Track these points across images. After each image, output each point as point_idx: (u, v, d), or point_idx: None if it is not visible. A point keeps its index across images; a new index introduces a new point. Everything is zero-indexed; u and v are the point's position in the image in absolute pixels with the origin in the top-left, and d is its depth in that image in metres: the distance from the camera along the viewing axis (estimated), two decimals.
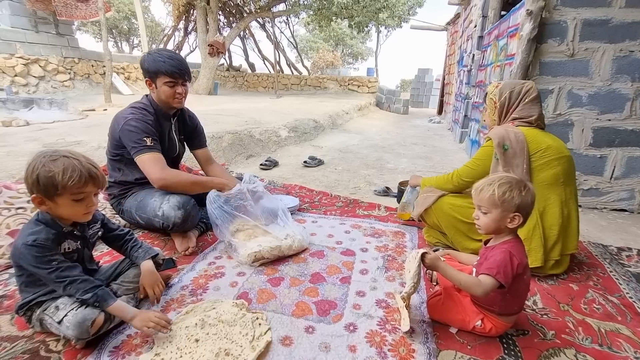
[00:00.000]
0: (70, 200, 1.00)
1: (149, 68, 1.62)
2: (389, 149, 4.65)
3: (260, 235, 1.65)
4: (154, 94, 1.70)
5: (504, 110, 1.58)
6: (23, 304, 1.05)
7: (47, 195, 0.98)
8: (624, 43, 2.20)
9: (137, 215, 1.69)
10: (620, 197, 2.44)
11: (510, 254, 1.02)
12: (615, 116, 2.32)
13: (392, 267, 1.56)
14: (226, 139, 3.67)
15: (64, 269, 1.00)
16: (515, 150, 1.45)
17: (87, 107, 5.52)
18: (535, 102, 1.53)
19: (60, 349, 1.02)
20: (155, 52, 1.64)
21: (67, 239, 1.07)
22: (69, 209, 1.01)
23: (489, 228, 1.07)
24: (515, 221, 1.03)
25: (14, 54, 6.85)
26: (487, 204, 1.04)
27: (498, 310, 1.08)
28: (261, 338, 1.07)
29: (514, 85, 1.56)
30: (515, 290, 1.06)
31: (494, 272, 0.99)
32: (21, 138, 3.07)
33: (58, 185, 0.96)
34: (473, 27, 5.10)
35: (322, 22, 10.77)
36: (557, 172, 1.45)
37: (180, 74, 1.65)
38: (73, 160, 0.99)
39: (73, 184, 0.97)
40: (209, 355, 1.00)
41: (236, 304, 1.22)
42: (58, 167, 0.96)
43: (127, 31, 20.60)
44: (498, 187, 1.02)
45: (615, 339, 1.14)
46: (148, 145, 1.58)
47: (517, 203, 1.01)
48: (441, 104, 9.61)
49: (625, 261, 1.70)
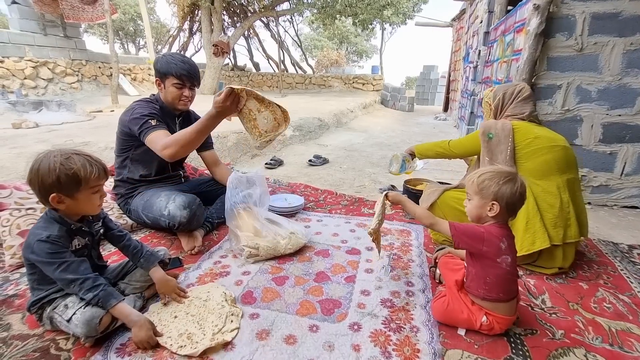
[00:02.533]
0: (89, 194, 1.05)
1: (160, 68, 1.67)
2: (395, 147, 4.62)
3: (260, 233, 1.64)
4: (162, 94, 1.74)
5: (498, 110, 1.68)
6: (35, 301, 1.07)
7: (68, 192, 1.01)
8: (635, 37, 2.15)
9: (144, 214, 1.70)
10: (631, 193, 2.39)
11: (479, 227, 1.09)
12: (626, 111, 2.27)
13: (397, 265, 1.56)
14: (231, 138, 3.69)
15: (73, 265, 1.02)
16: (499, 137, 1.54)
17: (95, 109, 5.59)
18: (527, 100, 1.61)
19: (70, 347, 1.04)
20: (169, 55, 1.69)
21: (77, 235, 1.10)
22: (87, 203, 1.07)
23: (472, 214, 1.12)
24: (494, 209, 1.06)
25: (23, 57, 6.97)
26: (470, 190, 1.11)
27: (482, 295, 1.09)
28: (226, 334, 1.09)
29: (507, 87, 1.66)
30: (493, 275, 1.07)
31: (452, 222, 1.10)
32: (31, 140, 3.13)
33: (82, 181, 1.01)
34: (479, 22, 5.03)
35: (326, 20, 10.73)
36: (547, 159, 1.49)
37: (189, 77, 1.69)
38: (83, 156, 1.04)
39: (94, 178, 1.03)
40: (174, 332, 1.08)
41: (224, 294, 1.26)
42: (77, 164, 1.00)
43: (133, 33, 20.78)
44: (479, 176, 1.09)
45: (627, 339, 1.12)
46: (153, 125, 1.60)
47: (494, 191, 1.05)
48: (447, 101, 9.51)
49: (636, 259, 1.67)
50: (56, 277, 1.01)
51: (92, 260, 1.17)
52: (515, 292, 1.12)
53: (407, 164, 2.03)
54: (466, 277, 1.15)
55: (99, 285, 1.03)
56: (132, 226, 1.87)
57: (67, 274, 1.00)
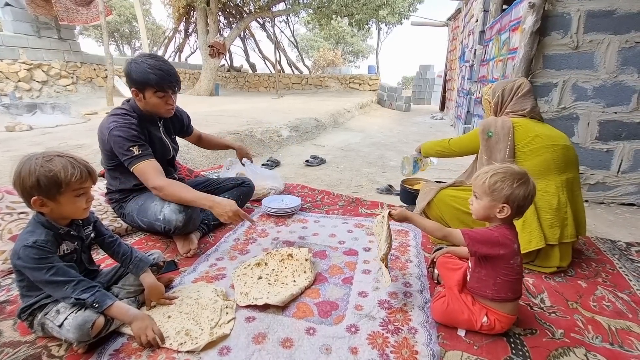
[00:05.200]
0: (72, 197, 1.02)
1: (136, 79, 1.52)
2: (392, 147, 4.61)
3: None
4: (140, 104, 1.62)
5: (498, 107, 1.66)
6: (25, 307, 1.05)
7: (49, 195, 0.98)
8: (630, 34, 2.15)
9: (139, 219, 1.68)
10: (628, 191, 2.39)
11: (492, 231, 1.06)
12: (622, 109, 2.27)
13: (395, 266, 1.54)
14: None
15: (61, 270, 0.99)
16: (499, 136, 1.52)
17: (90, 111, 5.55)
18: (527, 95, 1.58)
19: (63, 353, 1.02)
20: (142, 60, 1.52)
21: (65, 240, 1.08)
22: (71, 206, 1.03)
23: (478, 214, 1.10)
24: (504, 212, 1.03)
25: (17, 60, 6.90)
26: (480, 190, 1.07)
27: (491, 296, 1.07)
28: (223, 326, 1.11)
29: (506, 83, 1.64)
30: (504, 276, 1.05)
31: (465, 231, 1.06)
32: (25, 143, 3.09)
33: (62, 183, 0.98)
34: (474, 21, 5.04)
35: (322, 20, 10.73)
36: (546, 159, 1.47)
37: (171, 85, 1.57)
38: (67, 158, 1.01)
39: (75, 180, 0.99)
40: (171, 331, 1.08)
41: (215, 291, 1.28)
42: (57, 166, 0.97)
43: (128, 34, 20.70)
44: (491, 176, 1.04)
45: (627, 337, 1.12)
46: (136, 155, 1.54)
47: (506, 194, 1.02)
48: (443, 101, 9.54)
49: (634, 257, 1.67)
50: (46, 281, 0.98)
51: (83, 264, 1.15)
52: (520, 291, 1.11)
53: (419, 163, 2.07)
54: (470, 279, 1.13)
55: (95, 286, 1.03)
56: (126, 229, 1.84)
57: (59, 277, 0.98)
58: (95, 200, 1.90)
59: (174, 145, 1.90)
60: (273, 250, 1.60)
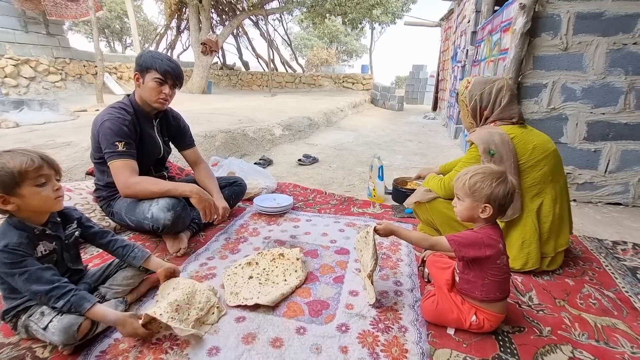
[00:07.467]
0: (33, 187, 0.97)
1: (142, 62, 1.59)
2: (384, 146, 4.63)
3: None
4: (138, 91, 1.66)
5: (477, 113, 1.55)
6: (8, 309, 1.02)
7: (7, 190, 0.94)
8: (618, 36, 2.19)
9: (127, 217, 1.65)
10: (614, 190, 2.43)
11: (476, 233, 1.07)
12: (610, 110, 2.31)
13: (386, 265, 1.55)
14: (219, 137, 3.63)
15: (36, 273, 0.96)
16: (501, 153, 1.40)
17: (79, 108, 5.44)
18: (512, 101, 1.49)
19: (47, 355, 1.00)
20: (156, 52, 1.65)
21: (42, 240, 1.04)
22: (37, 198, 0.98)
23: (462, 215, 1.10)
24: (487, 212, 1.04)
25: (4, 55, 6.73)
26: (461, 192, 1.08)
27: (480, 297, 1.08)
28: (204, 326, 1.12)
29: (484, 85, 1.51)
30: (492, 276, 1.06)
31: (450, 237, 1.07)
32: (10, 140, 3.02)
33: (15, 173, 0.93)
34: (466, 22, 5.08)
35: (315, 19, 10.69)
36: (545, 172, 1.44)
37: (172, 75, 1.62)
38: (17, 150, 0.98)
39: (27, 167, 0.95)
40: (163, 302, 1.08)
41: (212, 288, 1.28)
42: (6, 158, 0.94)
43: (119, 31, 20.39)
44: (471, 177, 1.05)
45: (612, 335, 1.14)
46: (119, 151, 1.53)
47: (487, 194, 1.03)
48: (436, 100, 9.59)
49: (620, 255, 1.70)
50: (20, 287, 0.96)
51: (65, 265, 1.11)
52: (508, 290, 1.12)
53: None
54: (459, 280, 1.14)
55: (69, 291, 0.97)
56: (115, 228, 1.81)
57: (31, 285, 0.95)
58: (83, 198, 1.87)
59: (166, 147, 1.89)
60: (264, 250, 1.59)
